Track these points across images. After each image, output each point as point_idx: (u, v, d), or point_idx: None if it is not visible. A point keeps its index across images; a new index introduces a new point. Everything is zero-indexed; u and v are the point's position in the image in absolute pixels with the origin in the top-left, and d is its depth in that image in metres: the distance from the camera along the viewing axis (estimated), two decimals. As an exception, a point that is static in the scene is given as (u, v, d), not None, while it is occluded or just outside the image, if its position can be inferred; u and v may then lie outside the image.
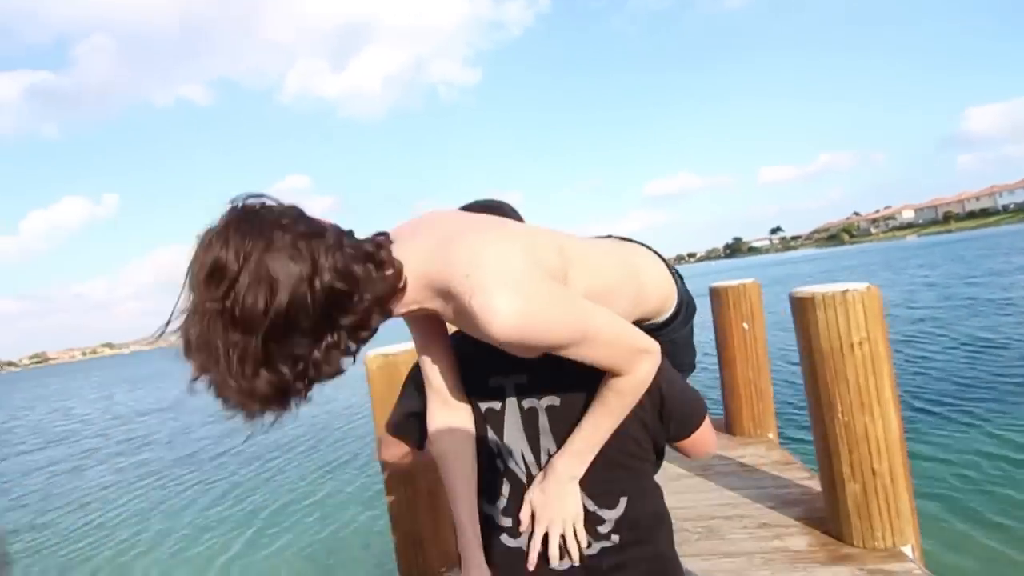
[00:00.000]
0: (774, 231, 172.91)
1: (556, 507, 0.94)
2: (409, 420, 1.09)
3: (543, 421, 0.99)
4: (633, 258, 1.11)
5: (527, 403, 0.99)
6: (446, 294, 0.83)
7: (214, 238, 0.71)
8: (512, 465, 1.00)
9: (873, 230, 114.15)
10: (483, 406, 1.02)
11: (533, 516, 0.96)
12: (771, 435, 3.76)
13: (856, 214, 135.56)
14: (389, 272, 0.79)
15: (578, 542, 0.94)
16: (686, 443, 1.07)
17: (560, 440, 0.97)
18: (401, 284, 0.81)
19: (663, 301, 1.13)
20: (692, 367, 1.24)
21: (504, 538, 1.00)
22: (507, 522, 1.00)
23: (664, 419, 1.01)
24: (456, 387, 1.01)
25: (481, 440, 1.02)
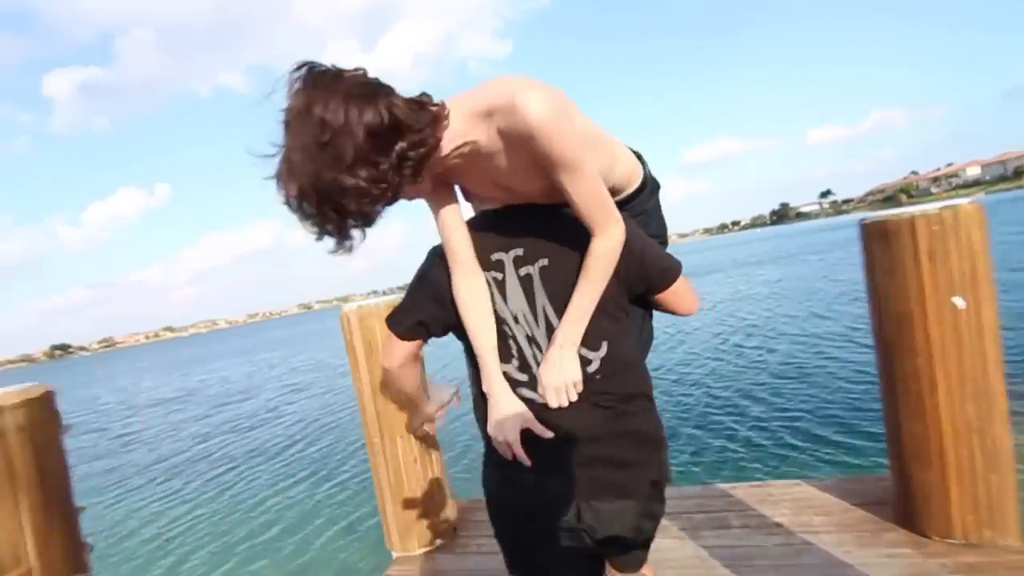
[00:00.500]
0: (824, 195, 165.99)
1: (557, 374, 1.12)
2: (418, 327, 1.21)
3: (537, 282, 1.16)
4: (607, 132, 1.30)
5: (523, 271, 1.17)
6: (489, 111, 1.02)
7: (306, 90, 0.91)
8: (516, 325, 1.18)
9: (934, 189, 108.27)
10: (489, 277, 1.19)
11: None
12: (1012, 541, 1.82)
13: (914, 173, 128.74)
14: (433, 109, 0.98)
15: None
16: (668, 296, 1.25)
17: (552, 296, 1.16)
18: (445, 117, 1.00)
19: (630, 174, 1.35)
20: (665, 241, 1.45)
21: (521, 391, 1.16)
22: (522, 377, 1.17)
23: (644, 274, 1.20)
24: (474, 257, 1.18)
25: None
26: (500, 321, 1.18)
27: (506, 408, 1.14)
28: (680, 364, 9.64)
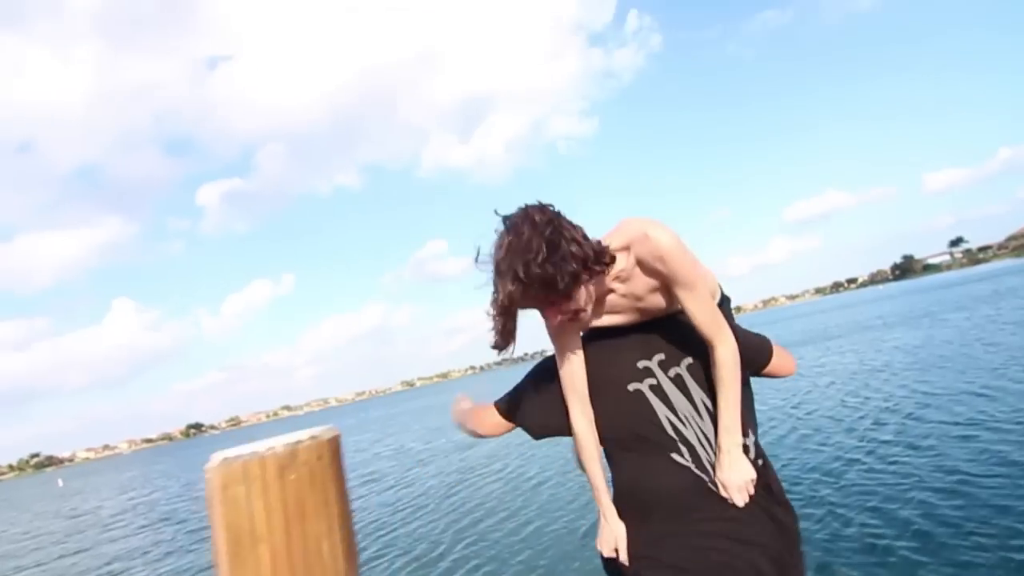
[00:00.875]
0: (955, 243, 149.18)
1: (737, 476, 1.29)
2: (524, 406, 1.56)
3: (689, 380, 1.37)
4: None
5: (672, 372, 1.37)
6: (628, 244, 1.33)
7: (523, 226, 1.23)
8: (684, 426, 1.34)
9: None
10: (643, 384, 1.37)
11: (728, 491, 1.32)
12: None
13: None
14: (599, 247, 1.24)
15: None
16: (770, 368, 1.62)
17: (703, 385, 1.37)
18: (614, 260, 1.27)
19: (715, 290, 1.53)
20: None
21: (692, 470, 1.33)
22: (690, 462, 1.33)
23: (750, 358, 1.45)
24: (586, 391, 1.43)
25: (645, 410, 1.37)
26: (666, 423, 1.36)
27: (615, 528, 1.39)
28: (796, 469, 7.70)
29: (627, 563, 1.35)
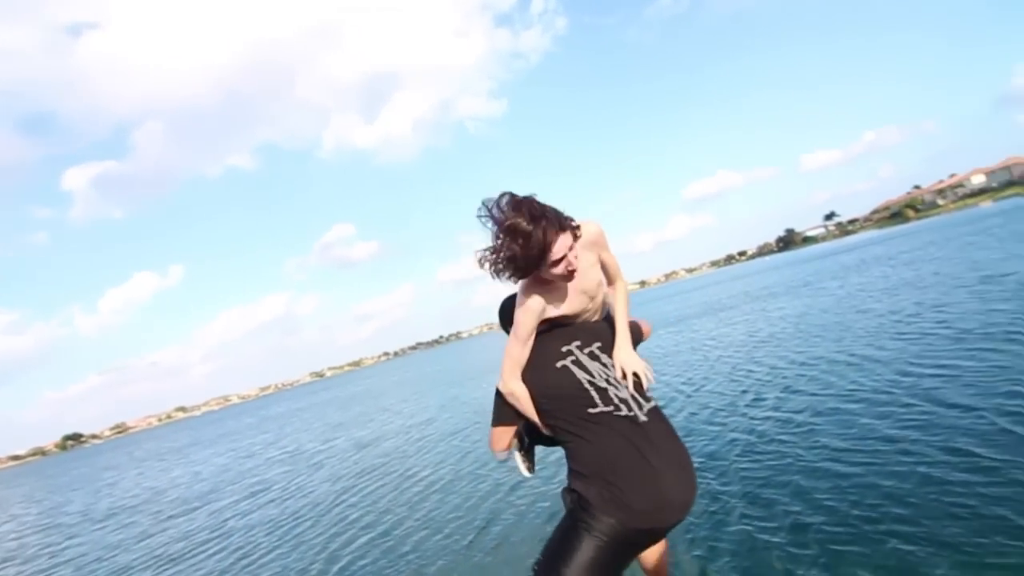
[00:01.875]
0: (828, 217, 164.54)
1: (627, 358, 2.22)
2: (506, 412, 2.33)
3: (598, 353, 2.24)
4: None
5: (586, 351, 2.24)
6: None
7: (511, 213, 1.97)
8: (595, 380, 2.13)
9: (940, 201, 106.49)
10: (567, 360, 2.18)
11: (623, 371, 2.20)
12: None
13: (916, 187, 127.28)
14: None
15: (644, 393, 2.15)
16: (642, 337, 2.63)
17: (607, 353, 2.25)
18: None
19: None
20: None
21: (614, 413, 2.03)
22: (608, 407, 2.04)
23: (634, 335, 2.44)
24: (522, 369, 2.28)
25: (573, 376, 2.15)
26: (585, 383, 2.13)
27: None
28: (697, 435, 7.55)
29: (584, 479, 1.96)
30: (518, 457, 2.52)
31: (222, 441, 34.00)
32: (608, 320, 2.44)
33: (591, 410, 2.04)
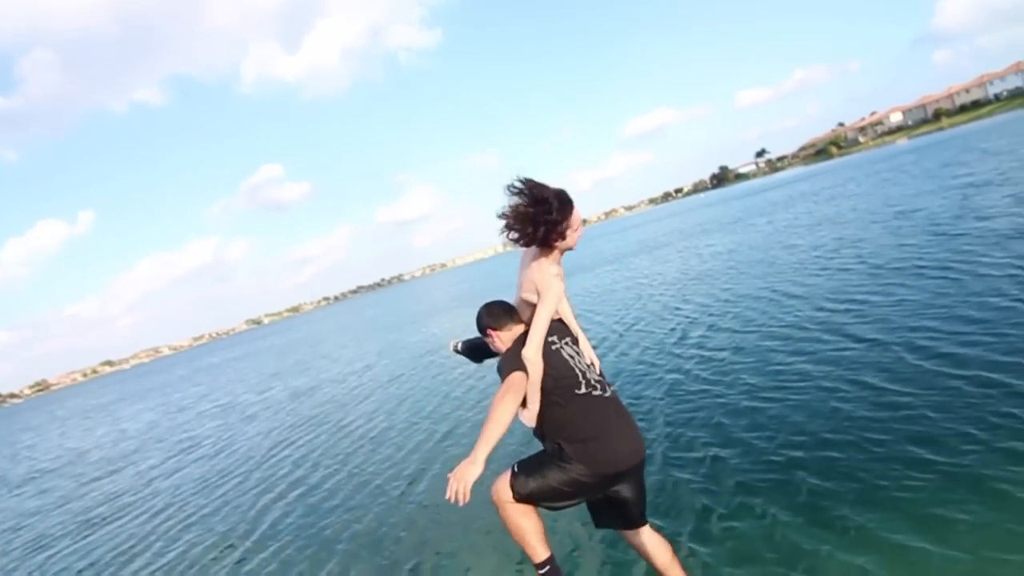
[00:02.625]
0: (759, 154, 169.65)
1: (593, 352, 2.96)
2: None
3: (572, 345, 2.71)
4: None
5: (565, 340, 2.70)
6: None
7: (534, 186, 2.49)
8: (578, 365, 2.62)
9: (861, 138, 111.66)
10: (561, 346, 2.65)
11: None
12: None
13: (840, 125, 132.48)
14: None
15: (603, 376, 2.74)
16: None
17: (577, 347, 2.77)
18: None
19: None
20: None
21: (592, 393, 2.55)
22: (588, 389, 2.55)
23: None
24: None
25: (566, 360, 2.61)
26: (573, 365, 2.63)
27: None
28: (627, 376, 7.70)
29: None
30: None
31: (151, 396, 32.57)
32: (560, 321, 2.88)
33: (578, 391, 2.56)
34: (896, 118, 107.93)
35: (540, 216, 2.47)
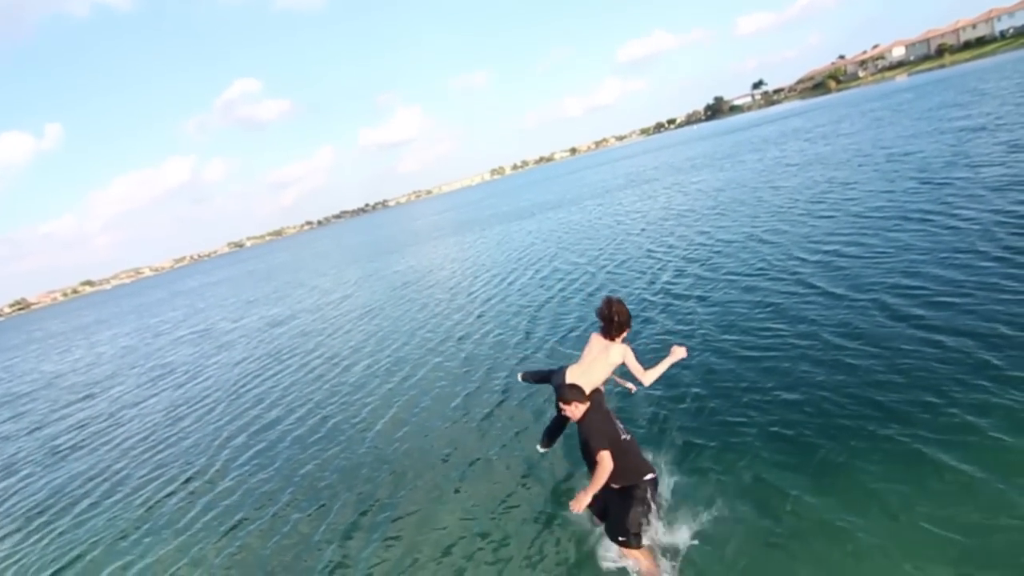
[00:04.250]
0: (756, 86, 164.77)
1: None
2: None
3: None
4: None
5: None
6: None
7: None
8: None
9: (861, 73, 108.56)
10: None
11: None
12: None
13: (841, 58, 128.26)
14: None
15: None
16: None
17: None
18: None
19: None
20: None
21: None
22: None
23: None
24: None
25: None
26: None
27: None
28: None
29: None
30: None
31: (129, 319, 32.23)
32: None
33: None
34: (898, 52, 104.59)
35: (629, 322, 3.94)
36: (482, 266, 15.72)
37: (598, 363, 3.81)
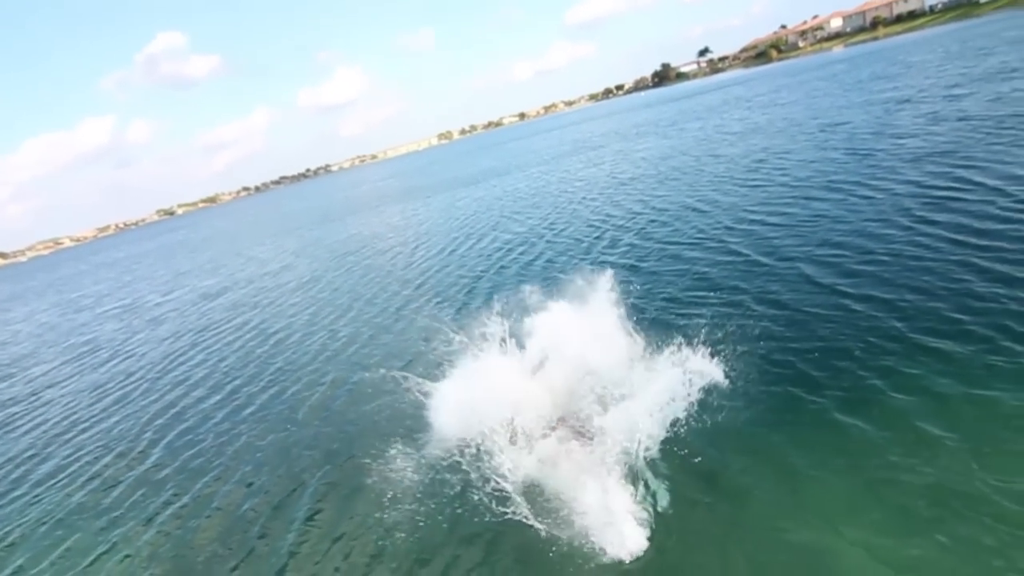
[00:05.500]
0: (702, 53, 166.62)
1: None
2: None
3: None
4: None
5: None
6: None
7: None
8: None
9: (801, 43, 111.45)
10: None
11: None
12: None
13: (783, 27, 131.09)
14: None
15: None
16: None
17: None
18: None
19: None
20: None
21: None
22: None
23: None
24: None
25: None
26: None
27: None
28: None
29: None
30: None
31: (48, 293, 30.05)
32: None
33: None
34: (836, 23, 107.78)
35: None
36: (424, 235, 15.46)
37: None
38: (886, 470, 3.32)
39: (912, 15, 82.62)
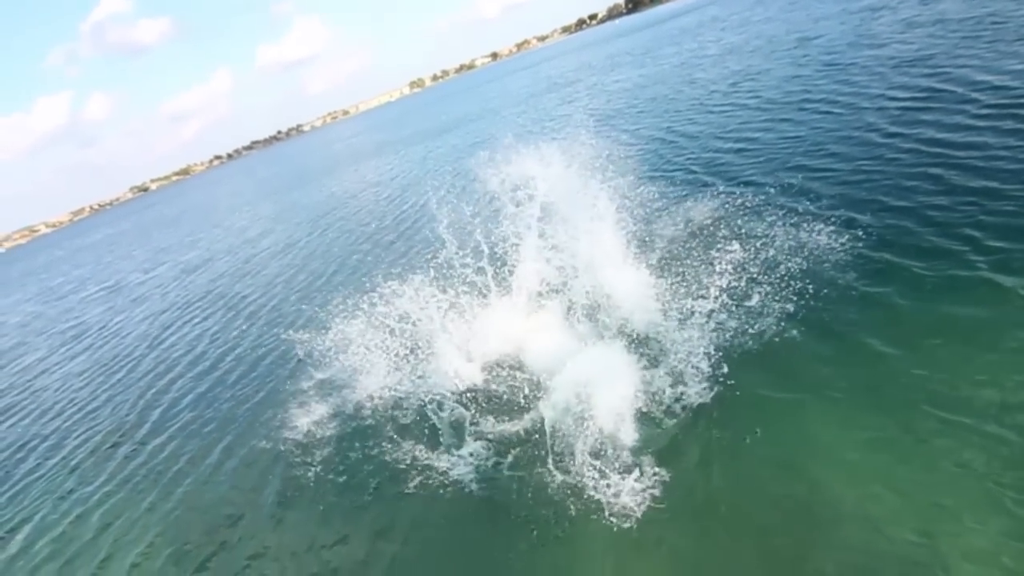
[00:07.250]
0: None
1: None
2: None
3: None
4: None
5: None
6: None
7: None
8: None
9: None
10: None
11: None
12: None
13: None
14: None
15: None
16: None
17: None
18: None
19: None
20: None
21: None
22: None
23: None
24: None
25: None
26: None
27: None
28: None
29: None
30: None
31: (28, 282, 29.61)
32: None
33: None
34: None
35: None
36: (399, 188, 15.22)
37: None
38: (857, 392, 3.46)
39: (889, -87, 78.74)
